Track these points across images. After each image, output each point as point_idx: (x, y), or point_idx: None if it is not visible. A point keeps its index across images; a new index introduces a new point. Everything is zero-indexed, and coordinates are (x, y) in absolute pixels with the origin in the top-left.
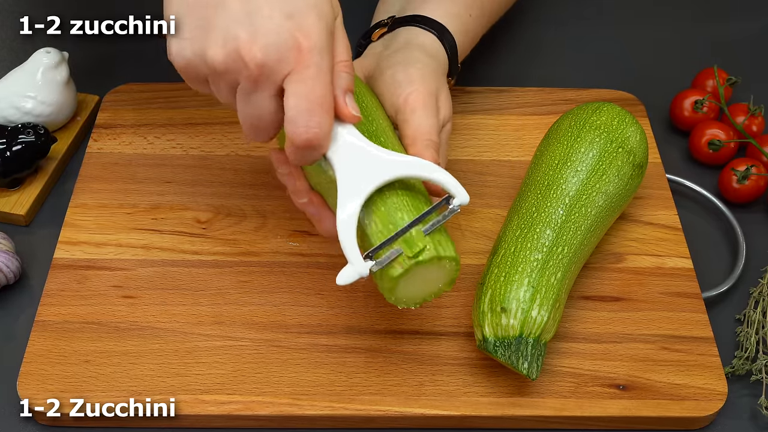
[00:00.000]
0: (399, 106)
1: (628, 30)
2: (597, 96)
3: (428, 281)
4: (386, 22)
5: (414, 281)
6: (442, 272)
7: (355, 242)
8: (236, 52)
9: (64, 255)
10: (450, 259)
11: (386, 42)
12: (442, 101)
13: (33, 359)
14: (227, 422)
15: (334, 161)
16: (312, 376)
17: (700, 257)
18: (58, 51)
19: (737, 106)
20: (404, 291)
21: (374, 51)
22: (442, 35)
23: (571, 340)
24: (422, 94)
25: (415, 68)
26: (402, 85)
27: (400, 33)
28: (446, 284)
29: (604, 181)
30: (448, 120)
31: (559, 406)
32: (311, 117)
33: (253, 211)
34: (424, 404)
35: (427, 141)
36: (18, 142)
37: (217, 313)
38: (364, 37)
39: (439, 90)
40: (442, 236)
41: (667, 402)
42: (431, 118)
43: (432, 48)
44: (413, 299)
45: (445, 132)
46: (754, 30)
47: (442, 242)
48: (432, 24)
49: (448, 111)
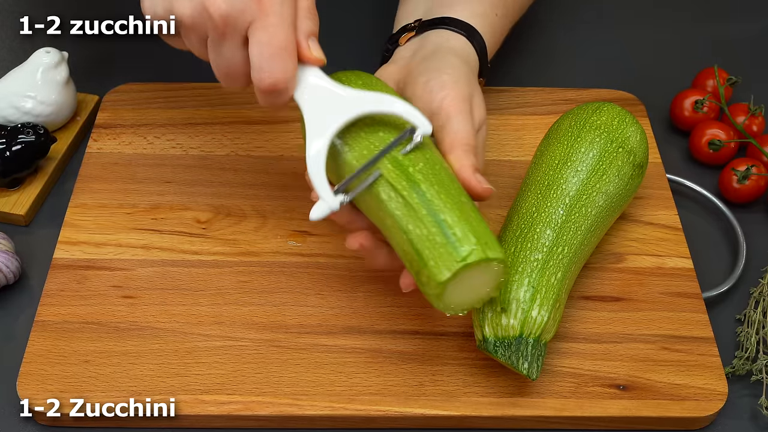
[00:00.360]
0: (433, 111)
1: (628, 30)
2: (597, 96)
3: (476, 284)
4: (413, 25)
5: (460, 285)
6: (489, 275)
7: (324, 177)
8: (201, 5)
9: (63, 255)
10: (498, 261)
11: (415, 47)
12: (476, 105)
13: (33, 359)
14: (227, 422)
15: (301, 102)
16: (312, 376)
17: (700, 257)
18: (58, 51)
19: (737, 106)
20: (452, 296)
21: (403, 56)
22: (471, 37)
23: (571, 340)
24: (456, 100)
25: (447, 74)
26: (435, 91)
27: (429, 37)
28: (494, 288)
29: (604, 181)
30: (482, 123)
31: (560, 407)
32: (274, 63)
33: (253, 211)
34: (424, 404)
35: (466, 146)
36: (18, 142)
37: (216, 313)
38: (391, 42)
39: (473, 93)
40: (488, 237)
41: (668, 402)
42: (467, 122)
43: (463, 51)
44: (460, 305)
45: (481, 135)
46: (754, 30)
47: (489, 243)
48: (461, 25)
49: (483, 114)
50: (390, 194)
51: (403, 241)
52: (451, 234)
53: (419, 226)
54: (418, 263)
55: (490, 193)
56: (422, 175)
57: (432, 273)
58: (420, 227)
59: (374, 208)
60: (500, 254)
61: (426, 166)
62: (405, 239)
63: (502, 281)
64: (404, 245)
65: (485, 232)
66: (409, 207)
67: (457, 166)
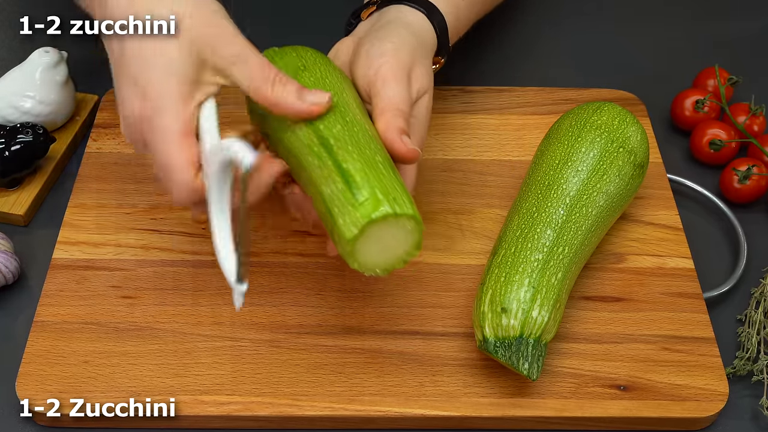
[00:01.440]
0: (370, 78)
1: (628, 29)
2: (598, 96)
3: (391, 243)
4: (376, 0)
5: (373, 243)
6: (403, 233)
7: None
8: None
9: (63, 255)
10: (408, 218)
11: (373, 20)
12: (417, 74)
13: (32, 360)
14: (226, 423)
15: None
16: (312, 376)
17: (701, 257)
18: (57, 50)
19: (738, 105)
20: (366, 255)
21: (360, 30)
22: (431, 14)
23: (571, 340)
24: (394, 67)
25: (390, 42)
26: (374, 57)
27: (389, 11)
28: (412, 247)
29: (604, 181)
30: (423, 93)
31: (560, 407)
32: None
33: (252, 211)
34: (424, 405)
35: (396, 111)
36: (17, 141)
37: (216, 314)
38: (354, 17)
39: (414, 63)
40: (398, 194)
41: (668, 403)
42: (402, 89)
43: (418, 25)
44: (378, 264)
45: (421, 106)
46: (755, 29)
47: (398, 199)
48: (421, 2)
49: (424, 84)
50: (308, 158)
51: (318, 202)
52: (357, 192)
53: (329, 184)
54: (330, 222)
55: (417, 155)
56: (335, 137)
57: (341, 231)
58: (330, 186)
59: (299, 173)
60: (409, 210)
61: (343, 129)
62: (320, 199)
63: (419, 240)
64: (319, 205)
65: (396, 189)
66: (322, 167)
67: (382, 128)
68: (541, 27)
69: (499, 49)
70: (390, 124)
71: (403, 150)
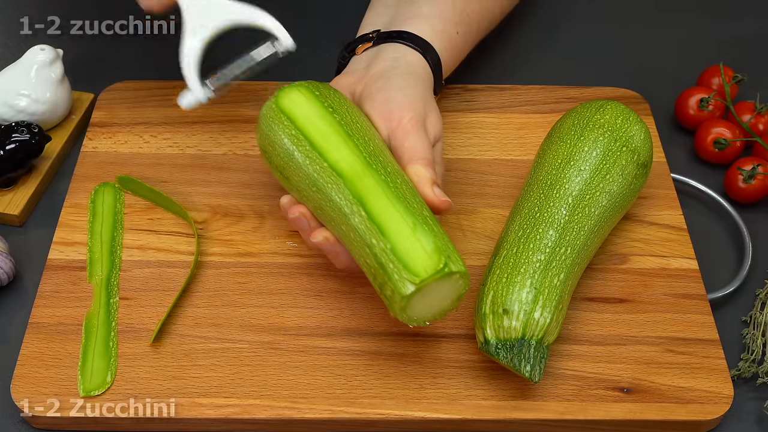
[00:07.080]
0: (392, 130)
1: (632, 27)
2: (600, 94)
3: (438, 297)
4: (371, 36)
5: (423, 298)
6: (452, 288)
7: (195, 72)
8: None
9: (58, 256)
10: (461, 275)
11: (369, 58)
12: (431, 122)
13: (27, 362)
14: (225, 426)
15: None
16: (311, 378)
17: (705, 258)
18: (53, 48)
19: (743, 104)
20: (415, 309)
21: (358, 68)
22: (426, 53)
23: (574, 342)
24: (413, 120)
25: (403, 94)
26: (394, 111)
27: (385, 50)
28: (455, 300)
29: (607, 180)
30: (438, 138)
31: (562, 410)
32: None
33: (251, 212)
34: (425, 407)
35: (423, 160)
36: (12, 140)
37: (214, 315)
38: (347, 50)
39: (427, 111)
40: (451, 250)
41: (672, 405)
42: (423, 139)
43: (418, 67)
44: (424, 317)
45: (437, 149)
46: (760, 27)
47: (452, 256)
48: (417, 41)
49: (438, 130)
50: (353, 208)
51: (367, 255)
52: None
53: (382, 240)
54: (383, 276)
55: (449, 206)
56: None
57: (396, 287)
58: (383, 241)
59: (337, 222)
60: (461, 268)
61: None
62: (368, 253)
63: (462, 293)
64: (367, 258)
65: (448, 245)
66: (372, 221)
67: (416, 179)
68: (543, 24)
69: (501, 47)
70: (421, 175)
71: (436, 202)
